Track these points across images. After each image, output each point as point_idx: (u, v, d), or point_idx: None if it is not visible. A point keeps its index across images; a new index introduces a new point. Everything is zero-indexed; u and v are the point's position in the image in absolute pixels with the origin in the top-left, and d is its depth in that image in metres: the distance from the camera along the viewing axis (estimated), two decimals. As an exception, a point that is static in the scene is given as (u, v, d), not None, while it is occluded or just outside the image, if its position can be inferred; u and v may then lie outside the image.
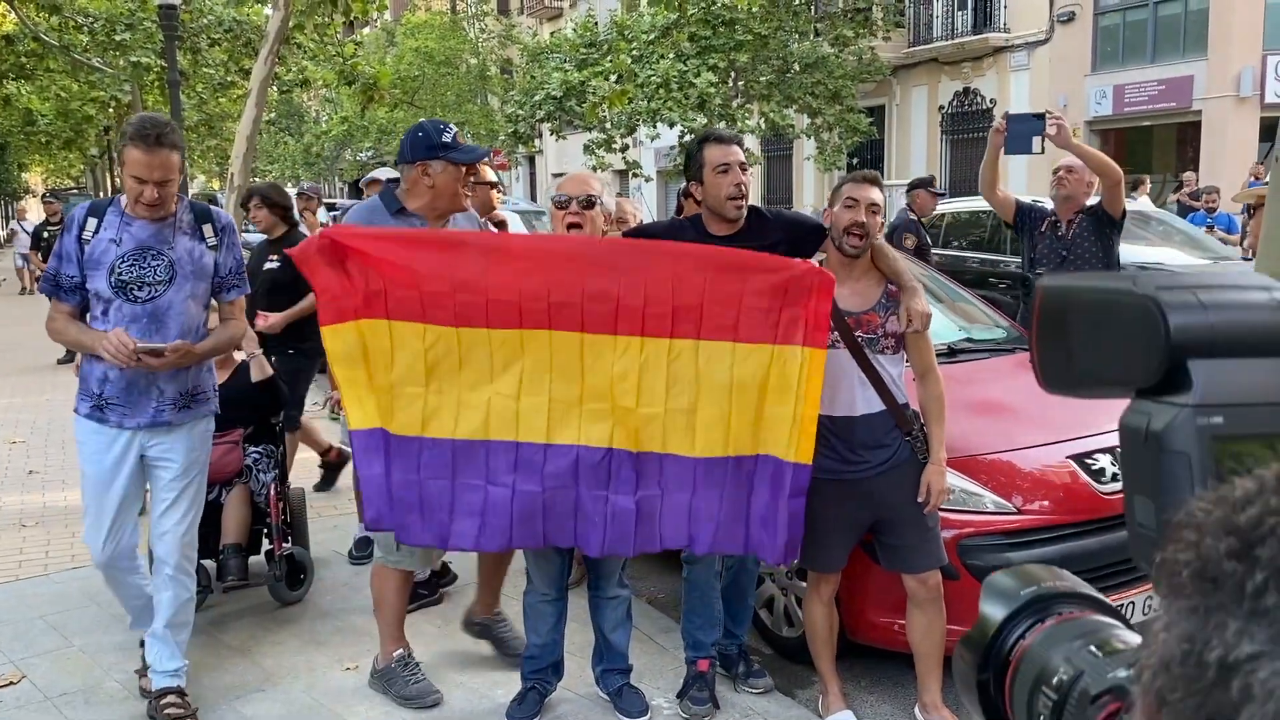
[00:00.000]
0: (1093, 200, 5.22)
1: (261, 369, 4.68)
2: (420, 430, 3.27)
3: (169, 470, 3.55)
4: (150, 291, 3.41)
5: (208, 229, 3.57)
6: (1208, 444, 0.68)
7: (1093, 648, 0.77)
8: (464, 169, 3.58)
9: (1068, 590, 0.86)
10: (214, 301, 3.69)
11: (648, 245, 3.32)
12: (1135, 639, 0.77)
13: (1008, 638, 0.84)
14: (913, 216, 8.04)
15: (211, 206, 3.70)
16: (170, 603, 3.61)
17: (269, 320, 5.44)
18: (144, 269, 3.40)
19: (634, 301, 3.14)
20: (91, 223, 3.41)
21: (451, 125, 3.76)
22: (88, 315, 3.47)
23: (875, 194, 3.30)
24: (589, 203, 3.32)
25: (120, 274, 3.37)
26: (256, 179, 36.06)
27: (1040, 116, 4.83)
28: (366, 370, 3.26)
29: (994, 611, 0.87)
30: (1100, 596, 0.87)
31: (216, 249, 3.58)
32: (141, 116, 3.38)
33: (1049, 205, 5.38)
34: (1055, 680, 0.76)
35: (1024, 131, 4.80)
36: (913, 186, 8.42)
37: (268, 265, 5.68)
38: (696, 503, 3.22)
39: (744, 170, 3.42)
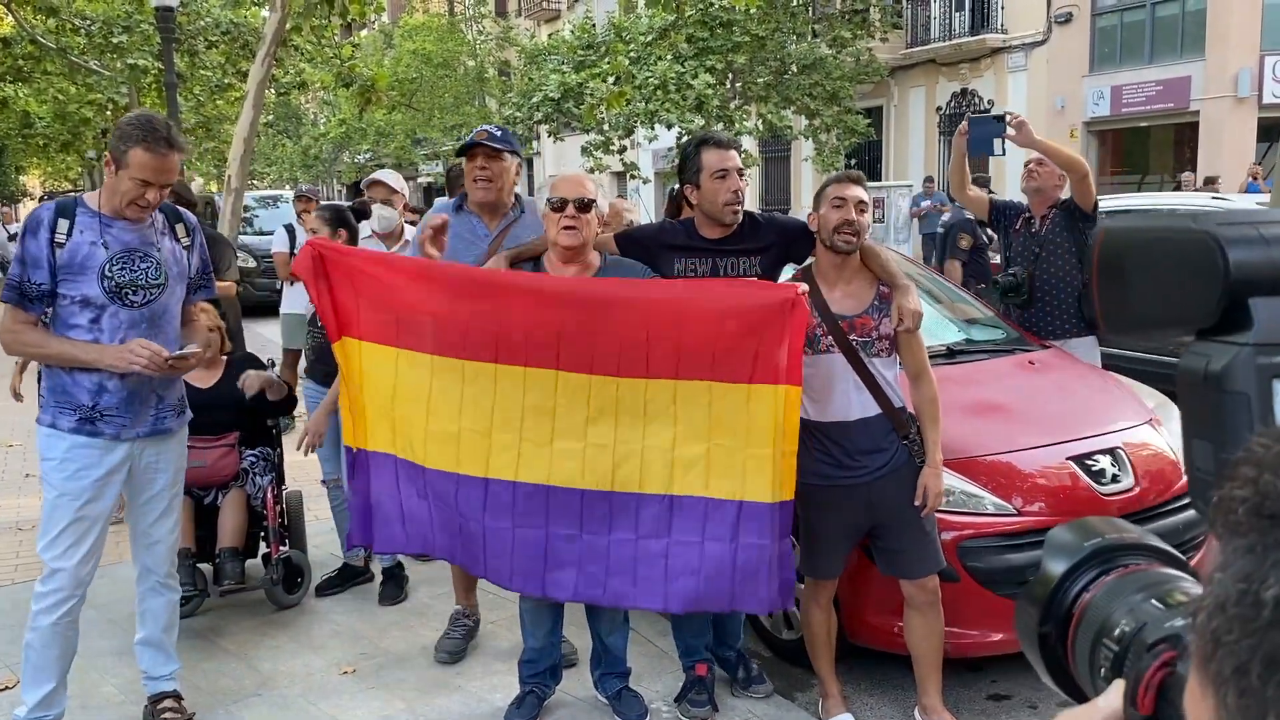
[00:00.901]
0: (1065, 194, 5.14)
1: (279, 389, 4.64)
2: (393, 449, 3.32)
3: (161, 478, 3.46)
4: (146, 295, 3.28)
5: (180, 229, 3.46)
6: (1268, 384, 0.66)
7: (1156, 600, 0.75)
8: (472, 160, 3.78)
9: (1133, 542, 0.84)
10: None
11: (624, 285, 3.27)
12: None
13: (1069, 591, 0.82)
14: (970, 216, 7.84)
15: (180, 207, 3.59)
16: (163, 608, 3.59)
17: None
18: (135, 272, 3.26)
19: (609, 343, 3.11)
20: (63, 224, 3.18)
21: (490, 125, 3.92)
22: (57, 325, 3.23)
23: (861, 192, 3.27)
24: (585, 205, 3.27)
25: (114, 278, 3.21)
26: (255, 181, 35.96)
27: (1001, 118, 4.90)
28: (352, 386, 3.33)
29: (1055, 565, 0.85)
30: (1167, 548, 0.84)
31: (190, 249, 3.48)
32: (145, 116, 3.23)
33: (1025, 202, 5.33)
34: (1117, 632, 0.75)
35: (986, 134, 4.87)
36: (976, 184, 8.30)
37: None
38: (674, 552, 3.15)
39: (740, 175, 3.40)
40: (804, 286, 3.08)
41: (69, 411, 3.24)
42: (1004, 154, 5.07)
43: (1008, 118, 4.86)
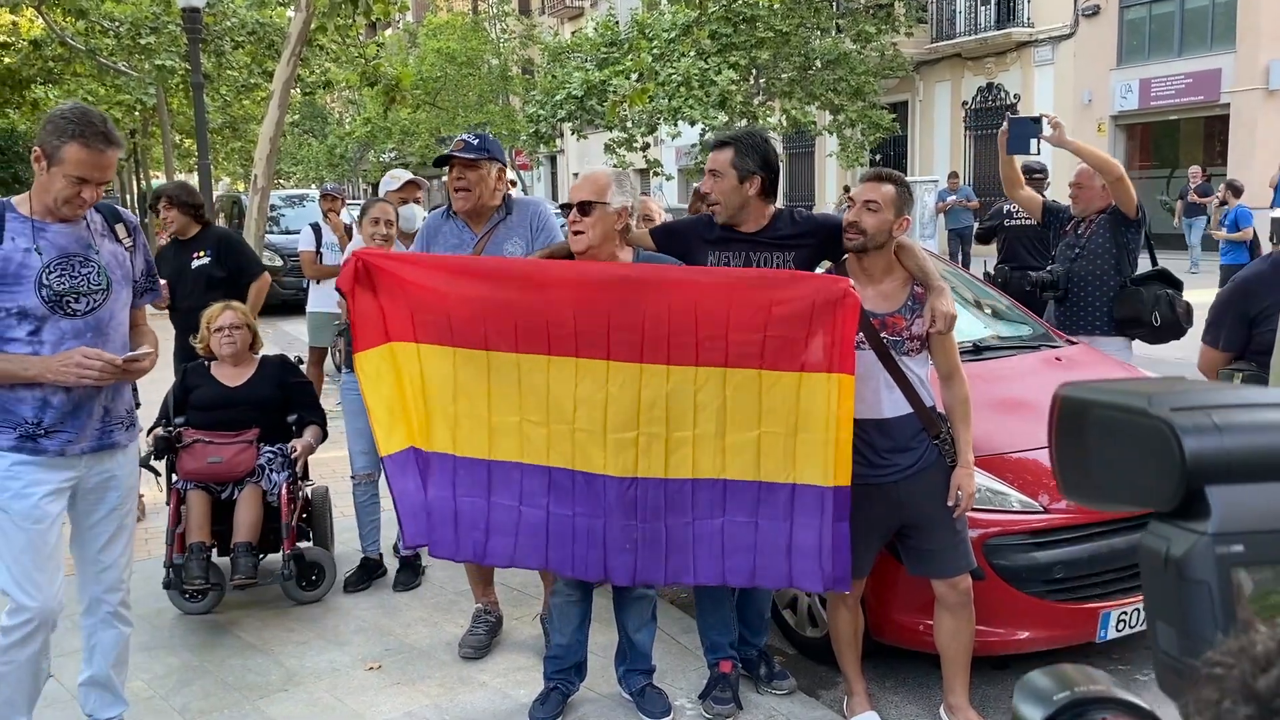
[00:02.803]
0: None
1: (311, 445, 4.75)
2: (453, 449, 3.34)
3: (112, 496, 3.19)
4: (89, 302, 3.03)
5: (120, 230, 3.21)
6: (1228, 573, 0.67)
7: None
8: (451, 168, 3.83)
9: (1103, 695, 0.85)
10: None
11: (672, 273, 3.29)
12: None
13: None
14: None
15: (117, 206, 3.37)
16: (114, 642, 3.31)
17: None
18: (76, 278, 3.01)
19: (659, 331, 3.13)
20: None
21: (467, 134, 3.98)
22: None
23: (876, 190, 3.21)
24: (584, 208, 3.31)
25: (52, 286, 2.96)
26: (281, 181, 36.24)
27: (1038, 120, 5.17)
28: (399, 392, 3.33)
29: (1030, 714, 0.86)
30: (1137, 701, 0.85)
31: (132, 251, 3.24)
32: (80, 109, 2.97)
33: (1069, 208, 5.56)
34: None
35: (1023, 134, 5.14)
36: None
37: (197, 263, 5.50)
38: (730, 530, 3.19)
39: (714, 176, 3.39)
40: (852, 280, 3.09)
41: (8, 429, 2.99)
42: (1039, 153, 5.35)
43: (1044, 119, 5.09)
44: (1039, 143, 5.05)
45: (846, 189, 24.68)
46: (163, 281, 5.49)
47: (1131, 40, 21.33)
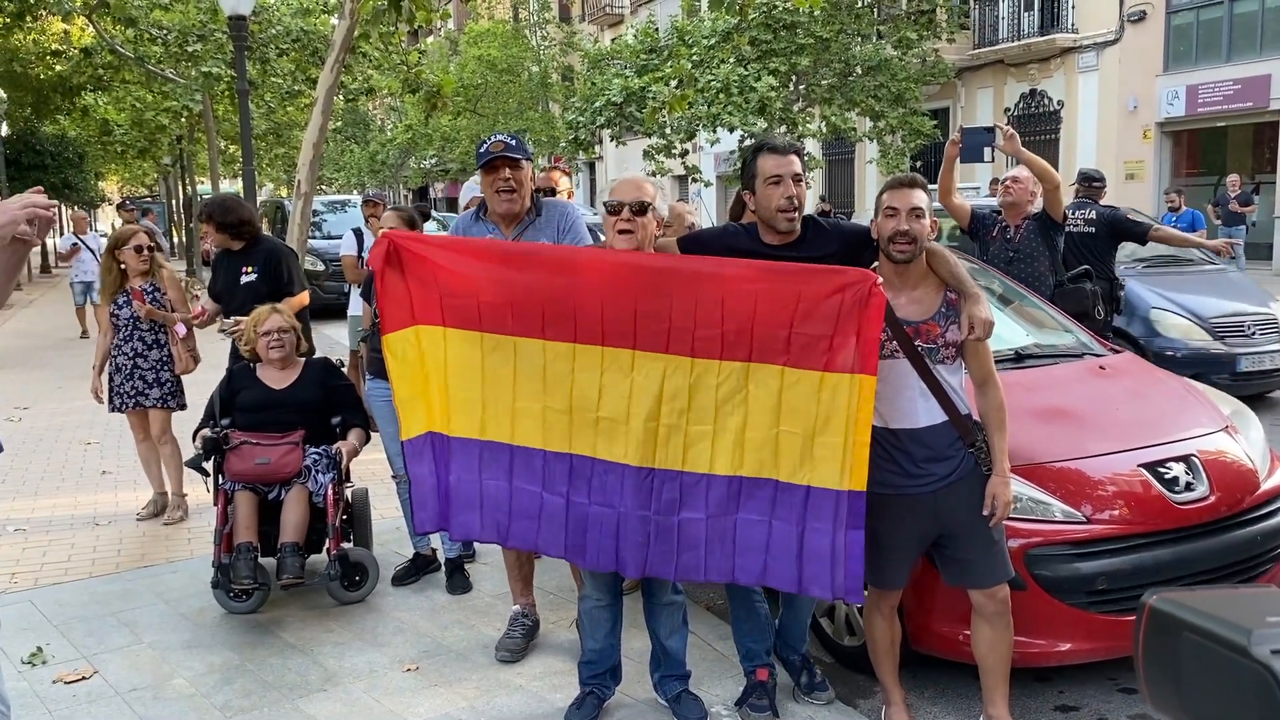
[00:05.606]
0: (1036, 208, 6.04)
1: (355, 448, 4.82)
2: (479, 434, 3.34)
3: None
4: None
5: None
6: None
7: None
8: (495, 172, 3.89)
9: None
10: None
11: (700, 264, 3.27)
12: None
13: None
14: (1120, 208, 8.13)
15: None
16: None
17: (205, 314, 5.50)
18: None
19: (685, 323, 3.12)
20: None
21: (501, 134, 4.02)
22: None
23: (916, 198, 3.17)
24: (640, 208, 3.33)
25: None
26: (323, 186, 36.63)
27: (991, 130, 5.66)
28: (423, 376, 3.35)
29: None
30: None
31: None
32: None
33: (1000, 214, 6.10)
34: None
35: (977, 143, 5.58)
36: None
37: (245, 279, 5.61)
38: (742, 528, 3.17)
39: (797, 181, 3.36)
40: (879, 277, 3.05)
41: None
42: (993, 161, 5.98)
43: (997, 129, 5.63)
44: (993, 151, 5.54)
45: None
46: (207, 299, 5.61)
47: (1179, 46, 21.02)
